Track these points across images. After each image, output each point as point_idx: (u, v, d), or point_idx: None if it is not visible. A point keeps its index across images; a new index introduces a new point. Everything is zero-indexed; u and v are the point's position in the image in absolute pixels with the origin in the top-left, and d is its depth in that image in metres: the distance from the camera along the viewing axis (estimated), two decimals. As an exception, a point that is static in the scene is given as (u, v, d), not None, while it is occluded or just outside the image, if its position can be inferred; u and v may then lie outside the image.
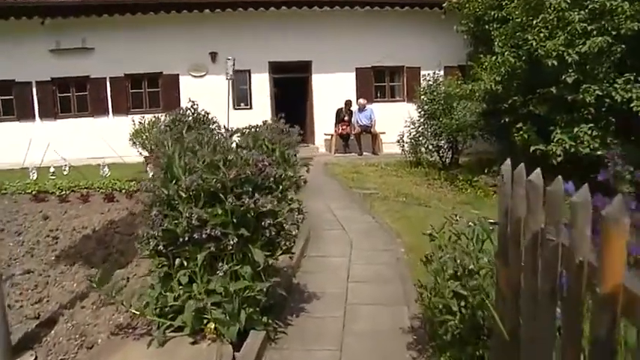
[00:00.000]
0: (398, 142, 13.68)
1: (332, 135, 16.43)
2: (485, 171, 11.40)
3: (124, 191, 9.91)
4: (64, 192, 10.04)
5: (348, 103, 16.35)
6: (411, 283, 5.11)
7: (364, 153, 16.02)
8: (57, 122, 16.44)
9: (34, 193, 9.98)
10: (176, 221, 3.43)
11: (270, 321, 3.89)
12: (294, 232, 3.69)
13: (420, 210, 8.64)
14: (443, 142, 12.31)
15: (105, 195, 9.48)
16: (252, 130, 5.00)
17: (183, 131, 5.33)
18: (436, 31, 16.23)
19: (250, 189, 3.47)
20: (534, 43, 9.13)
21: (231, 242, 3.36)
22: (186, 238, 3.40)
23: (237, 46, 16.13)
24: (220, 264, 3.42)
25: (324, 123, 16.74)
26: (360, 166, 13.59)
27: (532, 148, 9.67)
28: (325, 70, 16.62)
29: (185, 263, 3.57)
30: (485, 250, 3.20)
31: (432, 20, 16.26)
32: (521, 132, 9.76)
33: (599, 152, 8.91)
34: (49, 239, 6.25)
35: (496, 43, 10.35)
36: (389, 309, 4.52)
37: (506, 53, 9.75)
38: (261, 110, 16.42)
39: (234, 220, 3.40)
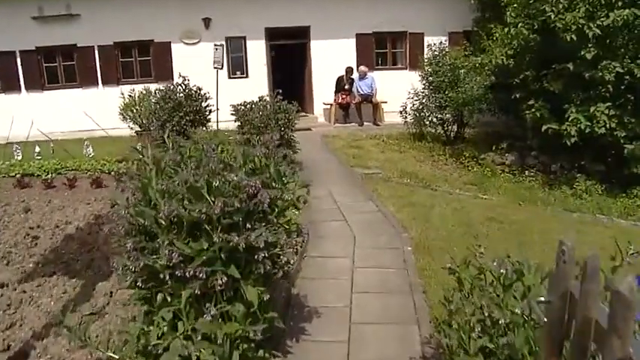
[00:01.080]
0: (400, 113, 13.09)
1: (331, 104, 15.79)
2: (493, 148, 10.88)
3: (113, 173, 9.41)
4: (49, 175, 9.55)
5: (349, 71, 15.64)
6: (420, 293, 4.69)
7: (365, 123, 15.43)
8: (44, 94, 15.75)
9: (18, 176, 9.51)
10: (155, 256, 2.94)
11: (267, 355, 3.47)
12: (292, 261, 3.20)
13: (426, 195, 8.16)
14: (448, 115, 11.71)
15: (92, 179, 8.96)
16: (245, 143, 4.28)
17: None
18: (441, -6, 15.50)
19: (240, 218, 2.96)
20: (552, 15, 8.46)
21: (220, 281, 2.89)
22: (168, 276, 2.92)
23: (231, 11, 15.36)
24: (207, 305, 2.94)
25: (323, 92, 16.08)
26: (361, 139, 13.03)
27: (544, 127, 9.13)
28: (324, 37, 15.85)
29: (169, 299, 3.11)
30: (515, 293, 2.71)
31: (436, -18, 15.46)
32: (533, 109, 9.20)
33: (616, 132, 8.36)
34: (28, 240, 5.78)
35: (508, 13, 9.66)
36: (398, 329, 4.10)
37: (519, 25, 9.08)
38: (257, 79, 15.79)
39: (223, 257, 2.91)
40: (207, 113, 9.59)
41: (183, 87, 9.36)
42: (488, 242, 6.16)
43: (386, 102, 15.47)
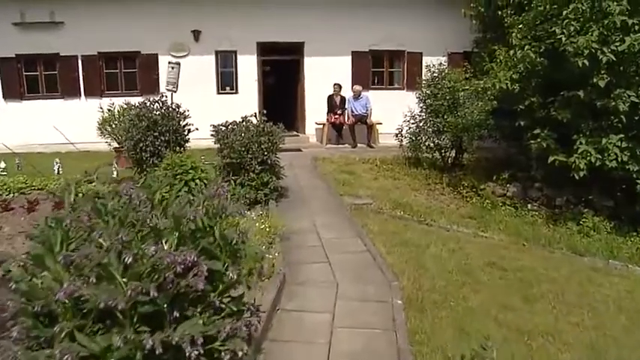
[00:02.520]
0: (396, 135, 12.37)
1: (324, 124, 15.07)
2: (494, 178, 10.15)
3: (81, 195, 8.61)
4: (11, 194, 8.78)
5: (337, 88, 14.92)
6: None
7: (359, 145, 14.71)
8: (23, 104, 14.99)
9: None
10: (47, 352, 2.14)
11: None
12: (241, 353, 2.40)
13: (421, 231, 7.40)
14: (446, 140, 10.99)
15: (55, 202, 8.15)
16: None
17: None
18: (440, 14, 14.87)
19: (165, 304, 2.18)
20: (563, 38, 7.78)
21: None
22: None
23: (222, 24, 14.68)
24: None
25: (316, 110, 15.35)
26: (353, 162, 12.29)
27: (550, 159, 8.42)
28: (319, 53, 15.17)
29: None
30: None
31: (436, 1, 14.84)
32: (538, 139, 8.48)
33: (628, 166, 7.65)
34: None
35: (514, 34, 8.99)
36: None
37: (526, 47, 8.40)
38: (247, 95, 15.08)
39: (139, 357, 2.12)
40: (186, 133, 8.83)
41: (160, 104, 8.58)
42: (490, 294, 5.41)
43: (381, 123, 14.81)
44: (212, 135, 8.46)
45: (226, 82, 15.34)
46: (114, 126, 10.81)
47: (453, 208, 9.28)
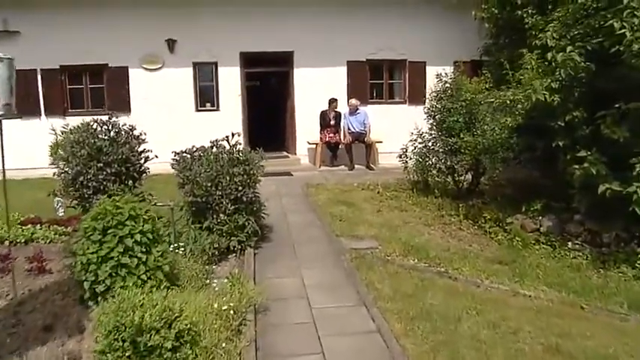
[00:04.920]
0: (400, 156, 10.61)
1: (317, 144, 13.32)
2: (522, 209, 8.38)
3: (16, 242, 6.84)
4: None
5: (333, 103, 13.22)
6: None
7: (356, 166, 12.96)
8: (-25, 125, 13.17)
9: None
10: None
11: None
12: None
13: (444, 291, 5.59)
14: (461, 163, 9.22)
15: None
16: None
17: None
18: (445, 19, 13.31)
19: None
20: (627, 33, 6.04)
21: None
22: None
23: (200, 32, 12.99)
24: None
25: (307, 128, 13.59)
26: (351, 189, 10.52)
27: (602, 188, 6.68)
28: (310, 64, 13.46)
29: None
30: None
31: (440, 4, 13.21)
32: (585, 163, 6.72)
33: None
34: None
35: (549, 34, 7.28)
36: None
37: (568, 48, 6.67)
38: (230, 112, 13.37)
39: None
40: (142, 162, 7.03)
41: (108, 127, 6.77)
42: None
43: (381, 142, 13.10)
44: (172, 166, 6.67)
45: (206, 97, 13.60)
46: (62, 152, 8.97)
47: (477, 250, 7.48)
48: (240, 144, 6.82)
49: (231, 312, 4.09)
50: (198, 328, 3.57)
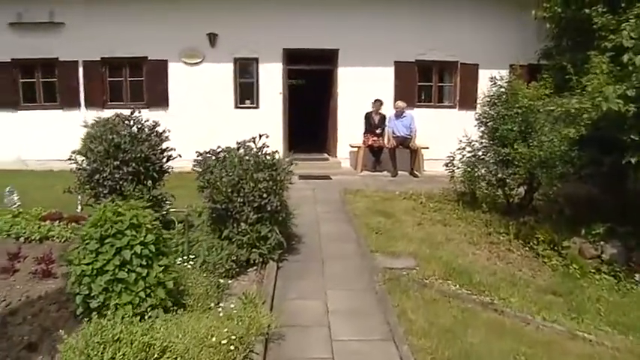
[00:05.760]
0: (447, 165, 9.80)
1: (359, 147, 12.64)
2: (582, 232, 7.47)
3: (31, 240, 6.50)
4: None
5: (378, 105, 12.53)
6: None
7: (399, 172, 12.22)
8: (18, 114, 13.20)
9: None
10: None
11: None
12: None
13: (487, 327, 4.83)
14: (513, 176, 8.35)
15: (8, 252, 6.04)
16: None
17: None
18: (501, 19, 12.52)
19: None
20: None
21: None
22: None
23: (243, 26, 12.57)
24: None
25: (350, 131, 12.94)
26: (392, 197, 9.82)
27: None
28: (356, 63, 12.79)
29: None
30: None
31: (496, 3, 12.33)
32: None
33: None
34: None
35: (624, 33, 6.40)
36: None
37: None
38: (270, 110, 12.88)
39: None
40: (164, 161, 6.56)
41: (129, 122, 6.32)
42: None
43: (427, 148, 12.31)
44: (193, 167, 6.15)
45: (246, 94, 13.13)
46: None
47: (528, 276, 6.64)
48: (268, 146, 6.23)
49: (232, 347, 3.48)
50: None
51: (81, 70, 12.96)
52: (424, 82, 13.30)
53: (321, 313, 4.89)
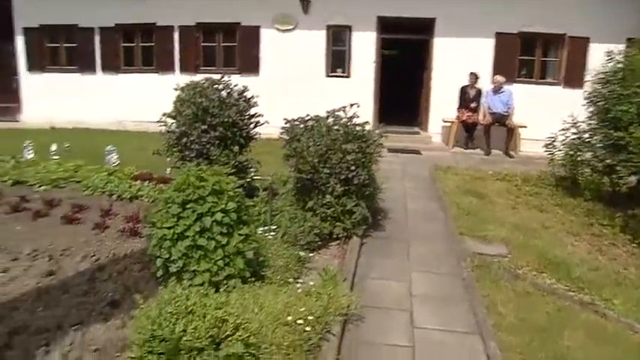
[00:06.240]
0: (547, 145, 9.08)
1: (452, 122, 12.07)
2: None
3: (126, 199, 6.74)
4: (41, 187, 7.12)
5: (473, 78, 11.84)
6: None
7: (493, 151, 11.56)
8: (119, 77, 13.79)
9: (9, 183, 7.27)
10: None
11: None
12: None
13: (586, 329, 4.35)
14: (625, 163, 7.54)
15: (73, 206, 6.31)
16: None
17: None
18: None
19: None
20: None
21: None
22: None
23: (337, -8, 12.24)
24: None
25: (443, 104, 12.35)
26: (484, 177, 9.31)
27: None
28: (453, 33, 12.10)
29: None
30: None
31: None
32: None
33: None
34: None
35: None
36: None
37: None
38: (361, 80, 12.57)
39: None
40: (252, 126, 6.48)
41: (219, 85, 6.28)
42: None
43: (525, 126, 11.53)
44: (280, 134, 6.01)
45: (338, 63, 12.86)
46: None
47: (635, 277, 5.96)
48: (358, 116, 5.95)
49: (307, 328, 3.32)
50: (258, 350, 2.85)
51: (176, 35, 13.24)
52: (526, 55, 12.37)
53: (403, 296, 4.64)
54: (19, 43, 14.08)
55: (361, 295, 4.36)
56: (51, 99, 13.76)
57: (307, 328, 3.31)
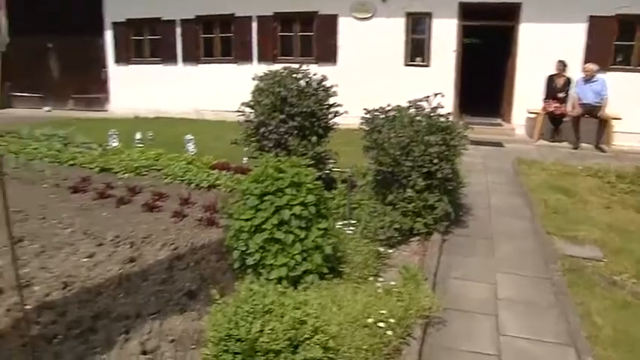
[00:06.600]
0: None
1: (538, 113, 11.40)
2: None
3: (204, 188, 6.84)
4: (125, 175, 7.36)
5: (561, 66, 11.10)
6: None
7: (582, 145, 10.82)
8: (198, 67, 14.13)
9: (96, 170, 7.59)
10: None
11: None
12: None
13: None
14: None
15: (154, 194, 6.46)
16: None
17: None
18: None
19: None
20: None
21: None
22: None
23: (416, -22, 11.85)
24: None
25: (528, 94, 11.70)
26: (574, 172, 8.70)
27: None
28: (541, 18, 11.40)
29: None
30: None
31: None
32: None
33: None
34: None
35: None
36: None
37: None
38: (441, 69, 12.16)
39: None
40: (330, 117, 6.34)
41: (298, 74, 6.18)
42: None
43: (619, 118, 10.67)
44: (360, 125, 5.84)
45: (417, 51, 12.48)
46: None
47: None
48: (442, 107, 5.68)
49: (389, 332, 3.14)
50: (336, 354, 2.71)
51: (254, 25, 13.35)
52: (623, 41, 11.42)
53: (488, 298, 4.35)
54: (108, 37, 14.76)
55: (443, 297, 4.13)
56: (135, 89, 14.34)
57: (389, 332, 3.13)
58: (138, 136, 8.86)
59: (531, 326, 3.95)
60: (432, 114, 5.57)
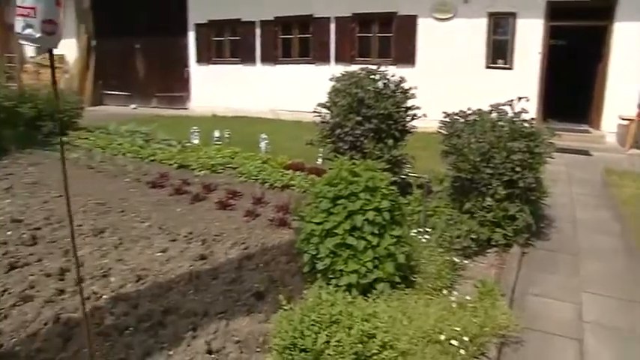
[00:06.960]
0: None
1: (631, 119, 10.62)
2: None
3: (278, 187, 6.88)
4: (201, 172, 7.52)
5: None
6: None
7: (682, 155, 9.98)
8: (276, 68, 14.31)
9: (174, 166, 7.81)
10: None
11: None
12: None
13: None
14: None
15: (228, 192, 6.55)
16: None
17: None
18: None
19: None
20: None
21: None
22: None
23: (502, -25, 11.38)
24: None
25: (621, 99, 10.92)
26: (670, 185, 8.00)
27: None
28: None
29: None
30: None
31: None
32: None
33: None
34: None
35: None
36: None
37: None
38: (525, 72, 11.63)
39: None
40: (408, 119, 6.15)
41: (376, 76, 6.04)
42: None
43: None
44: (439, 129, 5.62)
45: (499, 53, 11.98)
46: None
47: None
48: (526, 112, 5.36)
49: (462, 351, 2.95)
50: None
51: (332, 26, 13.33)
52: None
53: (571, 320, 4.03)
54: (191, 37, 15.27)
55: (521, 314, 3.86)
56: (214, 89, 14.75)
57: (462, 352, 2.94)
58: (216, 134, 9.04)
59: (623, 356, 3.60)
60: (515, 119, 5.27)
